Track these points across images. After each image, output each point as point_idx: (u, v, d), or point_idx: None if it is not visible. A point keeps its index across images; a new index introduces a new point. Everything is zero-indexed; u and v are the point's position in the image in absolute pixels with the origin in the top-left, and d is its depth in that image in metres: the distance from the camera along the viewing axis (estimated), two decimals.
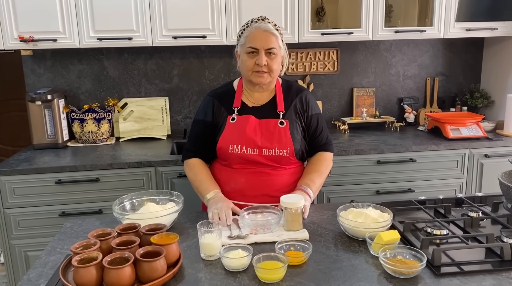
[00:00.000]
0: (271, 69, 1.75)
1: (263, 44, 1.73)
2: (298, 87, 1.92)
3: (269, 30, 1.74)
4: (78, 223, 1.67)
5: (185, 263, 1.34)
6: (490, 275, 1.24)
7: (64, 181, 2.44)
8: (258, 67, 1.74)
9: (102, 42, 2.65)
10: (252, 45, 1.73)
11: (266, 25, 1.75)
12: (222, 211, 1.59)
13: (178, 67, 3.10)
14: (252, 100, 1.85)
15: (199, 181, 1.80)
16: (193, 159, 1.87)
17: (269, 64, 1.74)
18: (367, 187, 2.74)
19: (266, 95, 1.86)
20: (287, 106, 1.83)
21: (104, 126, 2.93)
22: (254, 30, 1.74)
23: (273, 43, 1.74)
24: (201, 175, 1.82)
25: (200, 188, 1.78)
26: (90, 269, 1.15)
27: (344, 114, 3.30)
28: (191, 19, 2.68)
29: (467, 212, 1.62)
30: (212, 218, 1.57)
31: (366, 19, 2.82)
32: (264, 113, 1.82)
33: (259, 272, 1.23)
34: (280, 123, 1.79)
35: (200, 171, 1.83)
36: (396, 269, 1.22)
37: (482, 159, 2.79)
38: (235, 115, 1.81)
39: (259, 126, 1.79)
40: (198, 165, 1.85)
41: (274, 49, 1.74)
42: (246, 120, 1.79)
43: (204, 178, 1.80)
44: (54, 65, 2.99)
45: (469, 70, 3.38)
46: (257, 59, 1.73)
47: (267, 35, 1.74)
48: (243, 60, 1.79)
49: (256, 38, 1.73)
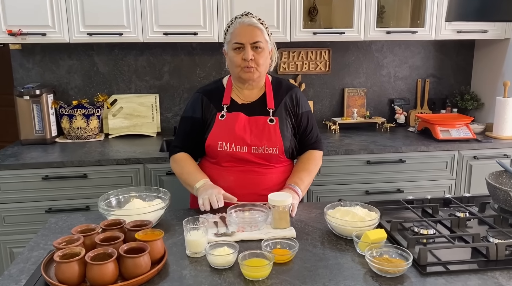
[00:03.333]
0: (258, 64, 1.75)
1: (248, 38, 1.72)
2: (288, 84, 1.91)
3: (253, 24, 1.74)
4: (63, 219, 1.64)
5: (170, 260, 1.33)
6: (475, 275, 1.23)
7: (51, 177, 2.41)
8: (245, 63, 1.73)
9: (92, 38, 2.63)
10: (237, 41, 1.73)
11: (250, 19, 1.75)
12: (213, 195, 1.59)
13: (169, 64, 3.08)
14: (241, 97, 1.84)
15: (187, 174, 1.78)
16: (179, 153, 1.85)
17: (256, 58, 1.73)
18: (357, 187, 2.74)
19: (255, 92, 1.85)
20: (277, 103, 1.82)
21: (93, 122, 2.90)
22: (239, 26, 1.74)
23: (258, 36, 1.73)
24: (189, 167, 1.80)
25: (188, 180, 1.76)
26: (72, 265, 1.14)
27: (335, 114, 3.30)
28: (182, 16, 2.66)
29: (454, 212, 1.62)
30: (203, 204, 1.57)
31: (358, 19, 2.82)
32: (254, 110, 1.81)
33: (244, 269, 1.22)
34: (269, 120, 1.78)
35: (188, 164, 1.81)
36: (382, 268, 1.21)
37: (471, 160, 2.80)
38: (224, 112, 1.80)
39: (248, 123, 1.77)
40: (185, 159, 1.83)
41: (260, 42, 1.73)
42: (235, 117, 1.77)
43: (192, 170, 1.78)
44: (43, 59, 2.95)
45: (460, 72, 3.39)
46: (244, 54, 1.72)
47: (251, 29, 1.73)
48: (230, 57, 1.78)
49: (241, 33, 1.73)
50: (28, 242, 2.45)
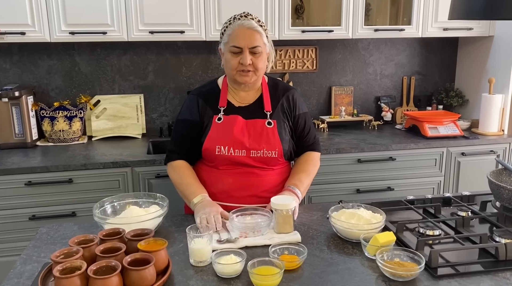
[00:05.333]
0: (256, 68, 1.69)
1: (246, 42, 1.65)
2: (285, 85, 1.86)
3: (253, 27, 1.67)
4: (54, 228, 1.56)
5: (174, 270, 1.27)
6: (487, 276, 1.23)
7: (35, 182, 2.31)
8: (243, 67, 1.67)
9: (75, 37, 2.52)
10: (235, 44, 1.66)
11: (249, 22, 1.68)
12: (210, 216, 1.51)
13: (154, 63, 3.00)
14: (238, 99, 1.78)
15: (185, 185, 1.71)
16: (178, 161, 1.78)
17: (254, 62, 1.68)
18: (348, 186, 2.73)
19: (252, 94, 1.80)
20: (274, 105, 1.78)
21: (76, 124, 2.79)
22: (237, 28, 1.67)
23: (258, 41, 1.67)
24: (187, 178, 1.73)
25: (186, 192, 1.69)
26: (74, 280, 1.07)
27: (323, 113, 3.28)
28: (168, 14, 2.58)
29: (457, 212, 1.61)
30: (200, 223, 1.49)
31: (347, 17, 2.80)
32: (251, 113, 1.75)
33: (254, 278, 1.18)
34: (267, 123, 1.74)
35: (186, 175, 1.74)
36: (396, 272, 1.19)
37: (459, 157, 2.82)
38: (221, 115, 1.74)
39: (246, 126, 1.72)
40: (184, 168, 1.76)
41: (259, 47, 1.67)
42: (233, 121, 1.72)
43: (191, 182, 1.71)
44: (21, 60, 2.82)
45: (444, 70, 3.42)
46: (242, 59, 1.66)
47: (250, 33, 1.66)
48: (227, 59, 1.71)
49: (239, 36, 1.66)
50: (13, 252, 2.36)
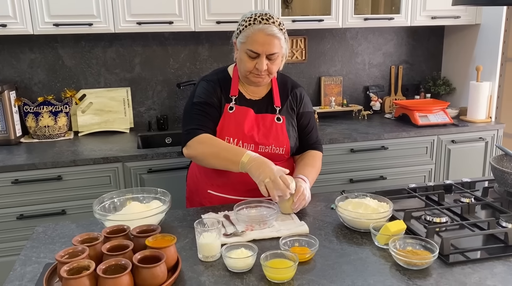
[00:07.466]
0: (271, 72, 1.65)
1: (265, 49, 1.58)
2: (293, 83, 1.83)
3: (273, 33, 1.58)
4: (51, 227, 1.49)
5: (183, 266, 1.23)
6: (498, 261, 1.22)
7: (22, 180, 2.22)
8: (258, 71, 1.62)
9: (59, 29, 2.43)
10: (253, 49, 1.59)
11: (270, 28, 1.58)
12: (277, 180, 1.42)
13: (140, 55, 2.92)
14: (249, 92, 1.74)
15: (225, 150, 1.56)
16: (203, 134, 1.61)
17: (269, 67, 1.63)
18: (341, 176, 2.72)
19: (262, 89, 1.76)
20: (283, 101, 1.75)
21: (61, 119, 2.70)
22: (257, 33, 1.58)
23: (276, 47, 1.60)
24: (223, 144, 1.59)
25: (230, 155, 1.54)
26: (82, 280, 1.01)
27: (313, 103, 3.25)
28: (156, 4, 2.51)
29: (460, 198, 1.61)
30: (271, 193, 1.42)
31: (336, 6, 2.78)
32: (261, 107, 1.72)
33: (268, 271, 1.15)
34: (277, 119, 1.71)
35: (219, 141, 1.60)
36: (410, 261, 1.17)
37: (449, 145, 2.85)
38: (233, 104, 1.69)
39: (256, 120, 1.69)
40: (213, 138, 1.61)
41: (276, 53, 1.61)
42: (245, 113, 1.68)
43: (228, 146, 1.59)
44: (1, 53, 2.71)
45: (431, 58, 3.44)
46: (258, 64, 1.61)
47: (270, 40, 1.58)
48: (242, 59, 1.64)
49: (259, 41, 1.58)
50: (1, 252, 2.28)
